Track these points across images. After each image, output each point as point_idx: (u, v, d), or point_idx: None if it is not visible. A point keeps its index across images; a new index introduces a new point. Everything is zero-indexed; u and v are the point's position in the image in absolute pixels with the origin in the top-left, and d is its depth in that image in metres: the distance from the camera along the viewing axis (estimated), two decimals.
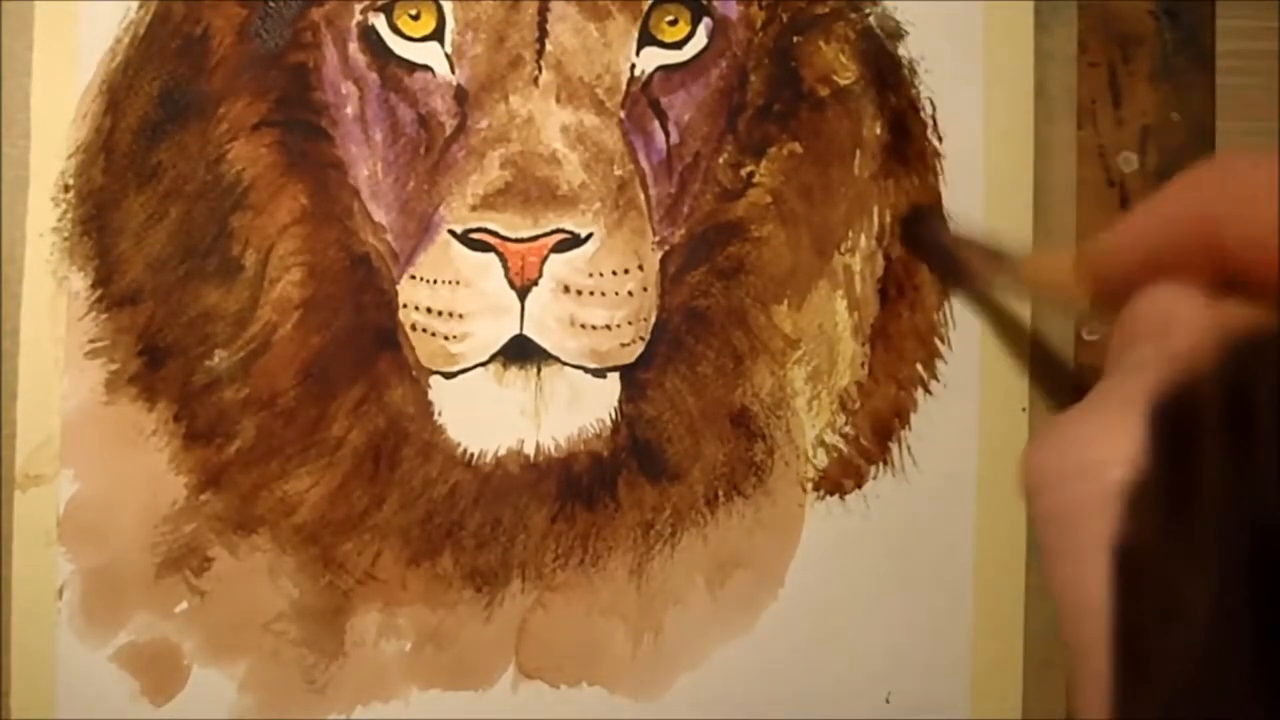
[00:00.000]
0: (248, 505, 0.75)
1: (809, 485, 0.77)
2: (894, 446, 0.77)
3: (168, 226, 0.76)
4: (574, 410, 0.76)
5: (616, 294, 0.75)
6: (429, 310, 0.75)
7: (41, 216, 0.76)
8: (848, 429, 0.77)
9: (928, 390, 0.77)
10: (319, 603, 0.76)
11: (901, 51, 0.77)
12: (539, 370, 0.75)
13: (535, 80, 0.75)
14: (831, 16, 0.77)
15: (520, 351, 0.75)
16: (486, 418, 0.75)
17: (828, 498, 0.77)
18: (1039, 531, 0.39)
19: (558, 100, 0.75)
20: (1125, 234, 0.44)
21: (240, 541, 0.76)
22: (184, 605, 0.75)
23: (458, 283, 0.74)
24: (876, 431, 0.77)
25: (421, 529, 0.76)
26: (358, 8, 0.76)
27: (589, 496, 0.76)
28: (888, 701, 0.76)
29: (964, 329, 0.77)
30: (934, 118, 0.77)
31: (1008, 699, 0.75)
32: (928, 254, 0.76)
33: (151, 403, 0.76)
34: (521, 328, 0.74)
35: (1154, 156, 0.78)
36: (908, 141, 0.77)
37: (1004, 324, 0.74)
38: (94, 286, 0.76)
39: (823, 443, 0.77)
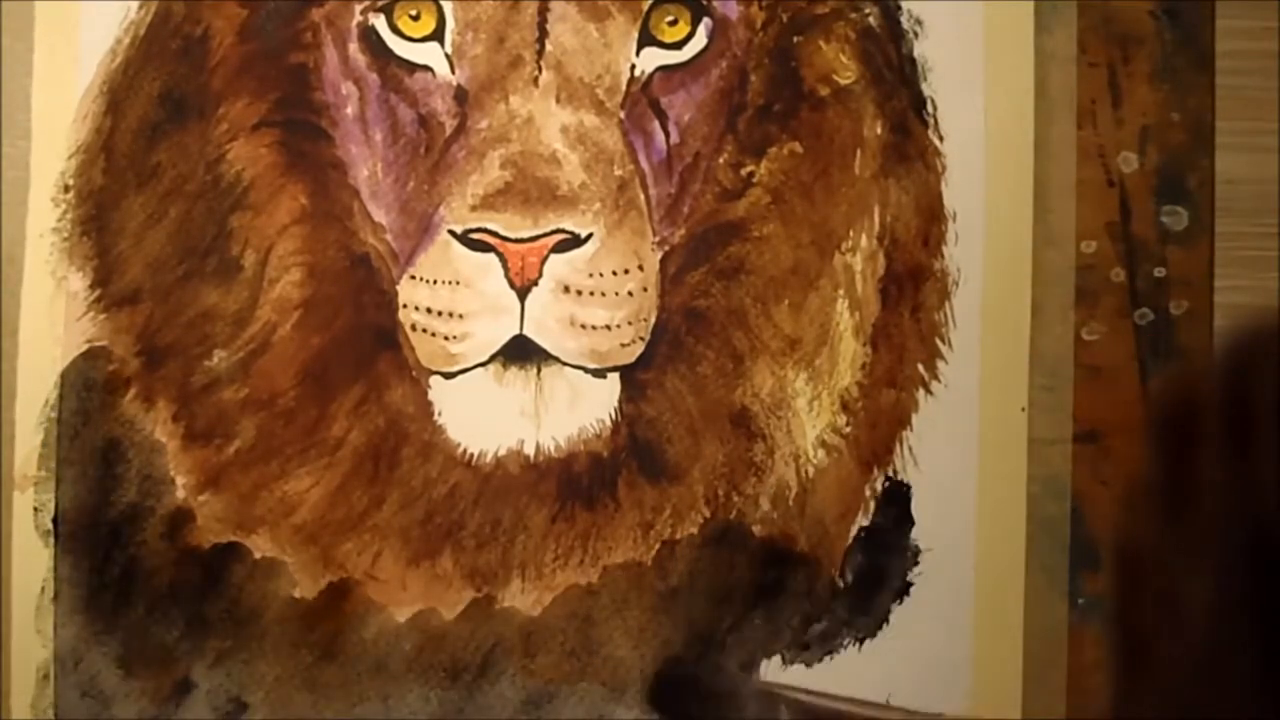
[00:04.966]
0: (248, 505, 0.75)
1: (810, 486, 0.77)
2: (895, 447, 0.77)
3: (167, 226, 0.76)
4: (574, 410, 0.75)
5: (616, 294, 0.75)
6: (429, 310, 0.75)
7: (41, 216, 0.76)
8: (848, 429, 0.77)
9: (928, 391, 0.77)
10: (319, 603, 0.76)
11: (902, 51, 0.77)
12: (539, 370, 0.75)
13: (535, 80, 0.75)
14: (831, 16, 0.77)
15: (520, 351, 0.75)
16: (486, 418, 0.75)
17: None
18: None
19: (558, 100, 0.75)
20: None
21: (241, 541, 0.76)
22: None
23: (458, 283, 0.74)
24: (877, 432, 0.77)
25: (421, 529, 0.76)
26: (358, 8, 0.75)
27: (589, 496, 0.76)
28: (888, 702, 0.76)
29: (965, 329, 0.77)
30: (935, 117, 0.77)
31: (1008, 699, 0.75)
32: None
33: (151, 403, 0.76)
34: (521, 328, 0.74)
35: (1154, 156, 0.78)
36: (908, 141, 0.77)
37: None
38: (93, 286, 0.76)
39: (823, 443, 0.77)
